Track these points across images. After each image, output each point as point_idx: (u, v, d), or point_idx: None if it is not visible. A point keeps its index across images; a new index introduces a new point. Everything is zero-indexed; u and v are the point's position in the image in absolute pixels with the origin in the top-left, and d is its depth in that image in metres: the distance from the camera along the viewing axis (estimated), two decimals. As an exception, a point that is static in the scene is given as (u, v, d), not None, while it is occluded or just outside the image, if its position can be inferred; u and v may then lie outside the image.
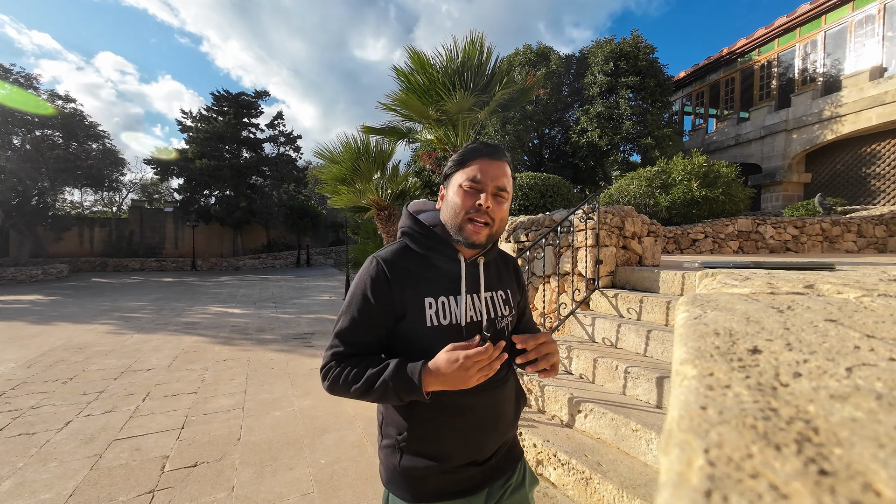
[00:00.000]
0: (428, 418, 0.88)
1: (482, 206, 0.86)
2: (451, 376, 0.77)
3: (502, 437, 0.95)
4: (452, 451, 0.89)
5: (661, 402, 2.09)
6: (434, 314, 0.88)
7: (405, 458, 0.89)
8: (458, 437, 0.89)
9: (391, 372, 0.81)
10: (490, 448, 0.92)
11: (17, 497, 2.13)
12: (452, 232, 0.90)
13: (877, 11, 10.33)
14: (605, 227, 3.38)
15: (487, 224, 0.88)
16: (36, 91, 17.96)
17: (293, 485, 2.27)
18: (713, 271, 0.65)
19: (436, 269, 0.92)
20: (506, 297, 0.99)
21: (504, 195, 0.90)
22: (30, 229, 18.64)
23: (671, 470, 0.17)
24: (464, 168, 0.89)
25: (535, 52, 14.30)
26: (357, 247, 8.39)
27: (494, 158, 0.89)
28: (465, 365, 0.76)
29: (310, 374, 4.27)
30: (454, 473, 0.89)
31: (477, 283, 0.93)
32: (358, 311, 0.88)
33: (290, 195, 24.65)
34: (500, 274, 1.01)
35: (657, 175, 8.05)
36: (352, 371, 0.85)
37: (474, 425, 0.90)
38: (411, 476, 0.89)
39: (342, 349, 0.89)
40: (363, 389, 0.83)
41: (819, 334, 0.32)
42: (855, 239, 7.33)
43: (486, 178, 0.87)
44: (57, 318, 7.35)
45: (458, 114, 4.32)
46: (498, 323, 0.95)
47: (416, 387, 0.79)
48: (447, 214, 0.91)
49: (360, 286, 0.90)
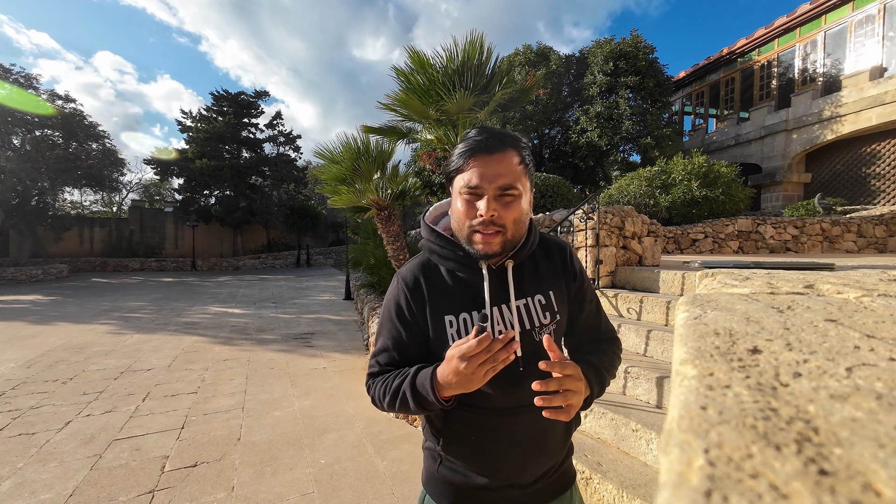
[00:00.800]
0: (462, 436, 0.83)
1: (482, 216, 0.75)
2: (456, 379, 0.69)
3: (548, 461, 0.86)
4: (489, 471, 0.82)
5: (661, 402, 2.09)
6: (455, 333, 0.80)
7: (443, 467, 0.85)
8: (494, 458, 0.83)
9: (408, 385, 0.77)
10: (533, 472, 0.84)
11: (17, 497, 2.13)
12: (463, 243, 0.80)
13: (877, 11, 10.33)
14: (605, 227, 3.39)
15: (499, 232, 0.76)
16: (36, 91, 17.96)
17: (293, 485, 2.27)
18: (713, 271, 0.65)
19: (459, 282, 0.83)
20: (545, 302, 0.85)
21: (512, 193, 0.76)
22: (30, 229, 18.63)
23: (671, 470, 0.17)
24: (461, 171, 0.78)
25: (535, 52, 14.31)
26: (357, 247, 8.39)
27: (494, 152, 0.75)
28: (462, 367, 0.67)
29: (310, 374, 4.28)
30: (493, 492, 0.83)
31: (505, 292, 0.82)
32: (388, 335, 0.86)
33: (290, 195, 24.65)
34: (538, 274, 0.87)
35: (657, 175, 8.05)
36: (381, 387, 0.82)
37: (514, 447, 0.82)
38: (448, 485, 0.85)
39: (376, 370, 0.87)
40: (392, 404, 0.80)
41: (819, 334, 0.32)
42: (855, 239, 7.33)
43: (483, 180, 0.74)
44: (57, 318, 7.35)
45: (458, 114, 4.32)
46: (536, 334, 0.83)
47: (430, 398, 0.73)
48: (454, 226, 0.82)
49: (387, 308, 0.87)
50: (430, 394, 0.73)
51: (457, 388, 0.71)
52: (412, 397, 0.76)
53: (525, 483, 0.84)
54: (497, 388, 0.79)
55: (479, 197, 0.76)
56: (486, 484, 0.82)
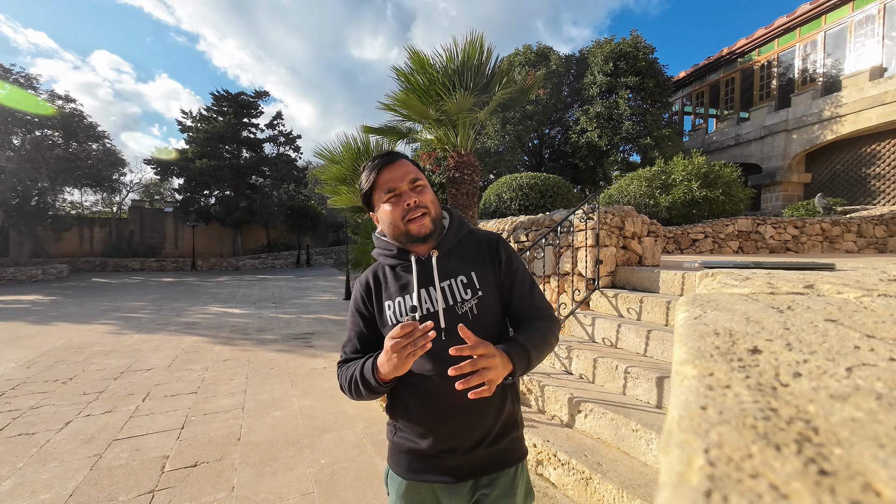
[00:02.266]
0: (406, 402, 0.98)
1: (410, 204, 0.94)
2: (387, 361, 0.83)
3: (480, 427, 0.96)
4: (427, 433, 0.96)
5: (661, 402, 2.09)
6: (392, 314, 0.98)
7: (397, 436, 1.01)
8: (432, 421, 0.96)
9: (358, 371, 0.92)
10: (466, 437, 0.95)
11: (17, 497, 2.13)
12: (402, 240, 0.98)
13: (877, 11, 10.33)
14: (605, 227, 3.39)
15: (426, 213, 0.96)
16: (36, 91, 17.97)
17: (293, 485, 2.27)
18: (713, 271, 0.65)
19: (397, 276, 1.02)
20: (467, 281, 0.99)
21: (420, 183, 0.97)
22: (30, 229, 18.63)
23: (671, 470, 0.17)
24: (376, 186, 0.97)
25: (535, 52, 14.31)
26: (357, 247, 8.37)
27: (392, 162, 0.97)
28: (389, 347, 0.81)
29: (310, 374, 4.28)
30: (436, 458, 0.96)
31: (430, 276, 0.98)
32: (351, 326, 1.05)
33: (290, 195, 24.65)
34: (463, 258, 1.02)
35: (657, 175, 8.05)
36: (343, 375, 0.98)
37: (446, 409, 0.95)
38: (400, 452, 1.00)
39: (343, 358, 1.03)
40: (349, 388, 0.95)
41: (819, 334, 0.32)
42: (855, 239, 7.33)
43: (396, 181, 0.95)
44: (57, 319, 7.35)
45: (458, 114, 4.32)
46: (459, 308, 0.96)
47: (371, 379, 0.88)
48: (389, 228, 0.99)
49: (350, 306, 1.07)
50: (372, 377, 0.88)
51: (390, 370, 0.83)
52: (361, 383, 0.91)
53: (461, 449, 0.95)
54: (431, 356, 0.93)
55: (398, 196, 0.95)
56: (428, 447, 0.95)
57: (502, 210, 6.78)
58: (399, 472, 1.00)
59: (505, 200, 6.75)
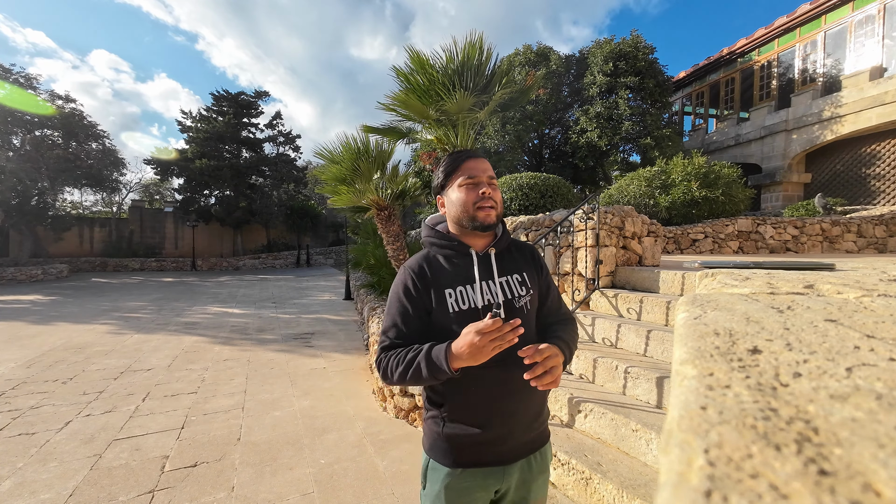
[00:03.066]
0: (461, 391, 1.01)
1: (485, 193, 1.03)
2: (468, 352, 0.87)
3: (530, 412, 1.05)
4: (486, 420, 1.01)
5: (661, 402, 2.09)
6: (454, 302, 1.02)
7: (447, 426, 1.02)
8: (490, 407, 1.01)
9: (423, 356, 0.94)
10: (521, 421, 1.03)
11: (17, 497, 2.13)
12: (465, 223, 1.04)
13: (877, 12, 10.33)
14: (605, 228, 3.39)
15: (493, 207, 1.04)
16: (36, 91, 17.95)
17: (293, 485, 2.27)
18: (713, 271, 0.65)
19: (454, 266, 1.07)
20: (521, 280, 1.09)
21: (495, 183, 1.07)
22: (30, 229, 18.62)
23: (671, 470, 0.17)
24: (458, 172, 1.06)
25: (535, 52, 14.30)
26: (357, 247, 8.38)
27: (478, 157, 1.07)
28: (476, 341, 0.86)
29: (310, 374, 4.28)
30: (492, 443, 1.01)
31: (490, 271, 1.06)
32: (396, 312, 1.05)
33: (290, 195, 24.64)
34: (514, 260, 1.12)
35: (657, 175, 8.05)
36: (394, 359, 0.99)
37: (503, 396, 1.01)
38: (452, 442, 1.02)
39: (387, 342, 1.04)
40: (404, 374, 0.95)
41: (819, 334, 0.32)
42: (855, 239, 7.33)
43: (478, 172, 1.04)
44: (57, 318, 7.35)
45: (458, 114, 4.32)
46: (516, 302, 1.05)
47: (443, 366, 0.90)
48: (456, 212, 1.06)
49: (395, 291, 1.07)
50: (444, 363, 0.90)
51: (467, 359, 0.88)
52: (426, 367, 0.92)
53: (516, 431, 1.03)
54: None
55: (476, 185, 1.04)
56: (486, 433, 1.00)
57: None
58: (447, 463, 1.02)
59: (505, 200, 6.75)
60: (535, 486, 1.07)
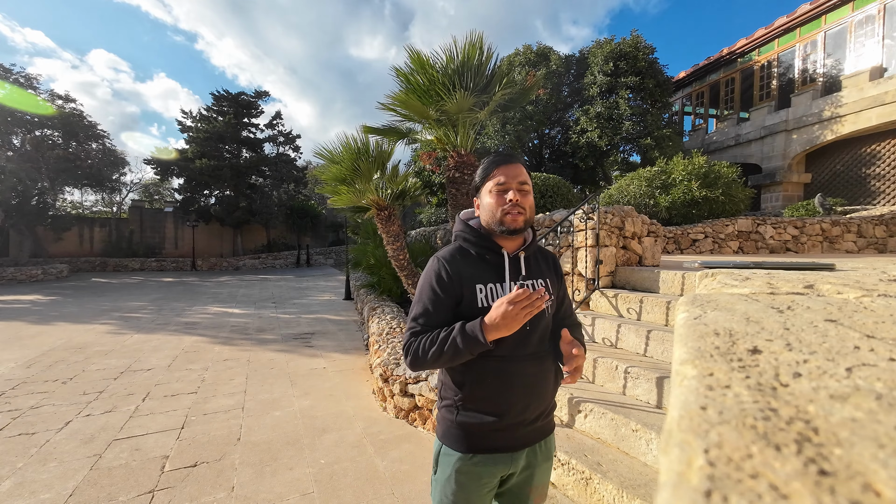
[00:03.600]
0: (481, 381, 1.07)
1: (512, 200, 1.06)
2: (502, 321, 0.94)
3: (543, 403, 1.12)
4: (502, 409, 1.06)
5: (661, 402, 2.09)
6: (484, 297, 1.07)
7: (461, 414, 1.08)
8: (506, 397, 1.07)
9: (458, 331, 0.99)
10: (533, 411, 1.10)
11: (17, 497, 2.13)
12: (495, 226, 1.09)
13: (877, 12, 10.33)
14: (605, 228, 3.39)
15: (521, 213, 1.08)
16: (36, 91, 17.95)
17: (293, 485, 2.27)
18: (713, 271, 0.65)
19: (485, 263, 1.12)
20: (545, 285, 1.16)
21: (526, 188, 1.10)
22: (30, 229, 18.62)
23: (671, 470, 0.17)
24: (489, 177, 1.11)
25: (535, 52, 14.30)
26: (357, 247, 8.38)
27: (511, 163, 1.11)
28: (510, 309, 0.93)
29: (310, 374, 4.27)
30: (504, 431, 1.07)
31: (519, 272, 1.13)
32: (428, 299, 1.09)
33: (290, 195, 24.63)
34: (539, 266, 1.19)
35: (657, 175, 8.05)
36: (427, 340, 1.03)
37: (520, 389, 1.08)
38: (466, 430, 1.07)
39: (418, 328, 1.07)
40: (438, 352, 1.00)
41: (819, 334, 0.32)
42: (855, 239, 7.33)
43: (508, 178, 1.08)
44: (57, 318, 7.34)
45: (458, 114, 4.32)
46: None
47: (479, 338, 0.96)
48: (487, 215, 1.11)
49: (427, 280, 1.11)
50: (480, 334, 0.96)
51: (501, 328, 0.95)
52: (462, 340, 0.98)
53: (526, 421, 1.09)
54: (510, 341, 1.05)
55: (506, 191, 1.08)
56: (497, 422, 1.06)
57: (502, 210, 6.75)
58: (460, 449, 1.07)
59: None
60: (538, 471, 1.14)
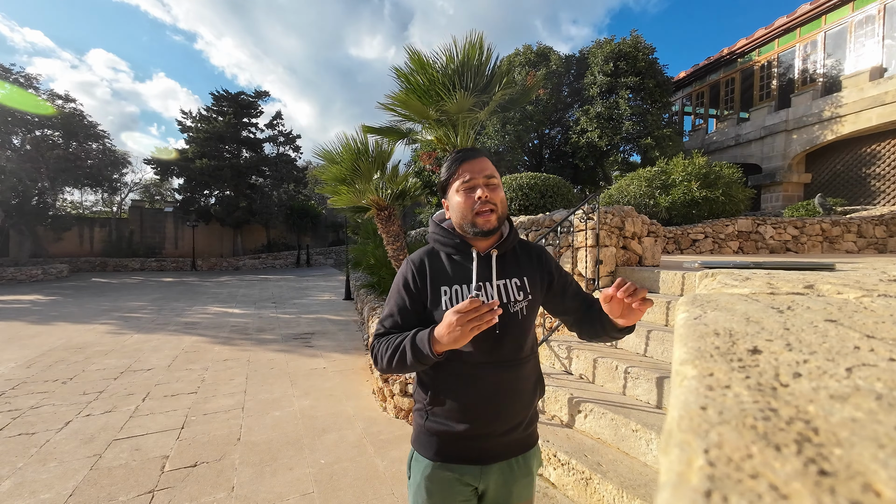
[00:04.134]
0: (449, 387, 1.02)
1: (481, 197, 1.00)
2: (447, 333, 0.86)
3: (516, 416, 1.04)
4: (468, 417, 1.00)
5: (661, 403, 2.09)
6: (448, 300, 1.02)
7: (430, 419, 1.03)
8: (474, 406, 1.01)
9: (408, 341, 0.95)
10: (504, 422, 1.02)
11: (17, 497, 2.13)
12: (467, 228, 1.03)
13: (877, 12, 10.33)
14: (605, 228, 3.38)
15: (493, 210, 1.01)
16: (36, 91, 17.96)
17: (293, 485, 2.27)
18: (713, 271, 0.65)
19: (455, 264, 1.07)
20: (520, 284, 1.07)
21: (494, 181, 1.03)
22: (30, 229, 18.62)
23: (671, 470, 0.17)
24: (455, 176, 1.04)
25: (535, 52, 14.30)
26: (357, 247, 8.38)
27: (475, 158, 1.04)
28: (453, 321, 0.84)
29: (310, 374, 4.27)
30: (470, 440, 1.01)
31: (489, 273, 1.04)
32: (395, 303, 1.07)
33: (290, 195, 24.64)
34: (518, 263, 1.10)
35: (657, 175, 8.05)
36: (385, 345, 1.00)
37: (490, 396, 1.01)
38: (433, 436, 1.03)
39: (382, 331, 1.05)
40: (391, 358, 0.97)
41: (819, 334, 0.32)
42: (855, 239, 7.33)
43: (474, 174, 1.01)
44: (57, 318, 7.34)
45: (458, 114, 4.32)
46: (511, 307, 1.04)
47: (426, 349, 0.90)
48: (457, 217, 1.05)
49: (396, 282, 1.09)
50: (427, 346, 0.90)
51: (448, 342, 0.87)
52: (411, 351, 0.93)
53: (497, 433, 1.02)
54: (479, 346, 0.98)
55: (473, 188, 1.01)
56: (465, 431, 1.00)
57: (502, 210, 6.75)
58: (428, 455, 1.03)
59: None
60: (516, 487, 1.06)
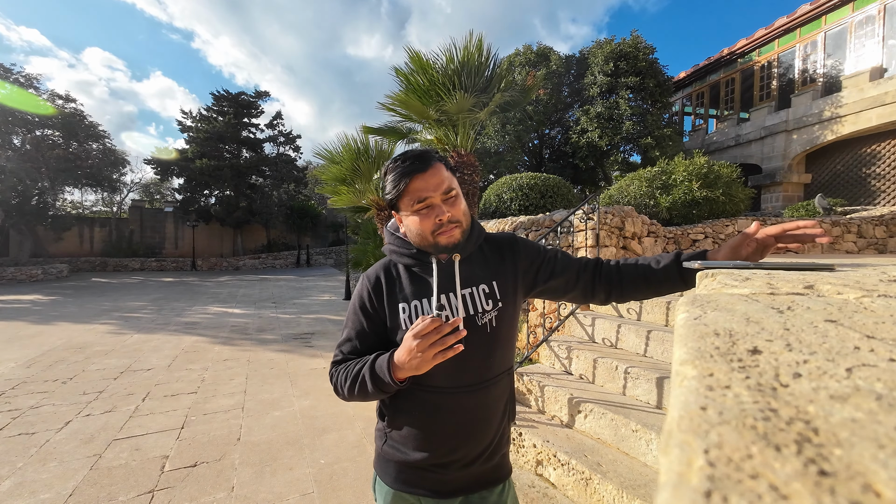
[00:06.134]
0: (406, 411, 0.93)
1: (443, 220, 0.86)
2: (408, 359, 0.77)
3: (480, 444, 0.93)
4: (426, 447, 0.91)
5: (661, 403, 2.09)
6: (406, 318, 0.90)
7: (387, 445, 0.96)
8: (435, 435, 0.91)
9: (367, 369, 0.86)
10: (466, 453, 0.92)
11: (16, 497, 2.13)
12: (429, 249, 0.91)
13: (877, 12, 10.33)
14: (605, 228, 3.39)
15: (457, 226, 0.89)
16: (36, 91, 17.97)
17: (293, 485, 2.27)
18: (713, 272, 0.65)
19: (413, 276, 0.94)
20: (488, 292, 0.94)
21: (454, 194, 0.89)
22: (30, 229, 18.62)
23: (671, 470, 0.17)
24: (406, 193, 0.88)
25: (535, 52, 14.31)
26: (357, 247, 8.38)
27: (425, 170, 0.86)
28: (415, 345, 0.75)
29: (310, 374, 4.27)
30: (426, 471, 0.92)
31: (452, 282, 0.91)
32: (352, 326, 0.96)
33: (290, 195, 24.66)
34: (485, 266, 0.97)
35: (657, 175, 8.04)
36: (343, 374, 0.91)
37: (452, 425, 0.91)
38: (389, 461, 0.95)
39: (339, 357, 0.96)
40: (352, 387, 0.88)
41: (819, 335, 0.32)
42: (855, 240, 7.33)
43: (429, 191, 0.86)
44: (57, 318, 7.34)
45: (458, 114, 4.32)
46: (479, 319, 0.91)
47: (386, 377, 0.81)
48: (415, 237, 0.91)
49: (352, 303, 0.98)
50: (387, 374, 0.81)
51: (409, 368, 0.78)
52: (370, 379, 0.84)
53: (458, 464, 0.92)
54: (439, 367, 0.82)
55: (430, 207, 0.87)
56: (422, 460, 0.90)
57: (502, 210, 6.78)
58: (387, 482, 0.95)
59: (505, 201, 6.75)
60: None
